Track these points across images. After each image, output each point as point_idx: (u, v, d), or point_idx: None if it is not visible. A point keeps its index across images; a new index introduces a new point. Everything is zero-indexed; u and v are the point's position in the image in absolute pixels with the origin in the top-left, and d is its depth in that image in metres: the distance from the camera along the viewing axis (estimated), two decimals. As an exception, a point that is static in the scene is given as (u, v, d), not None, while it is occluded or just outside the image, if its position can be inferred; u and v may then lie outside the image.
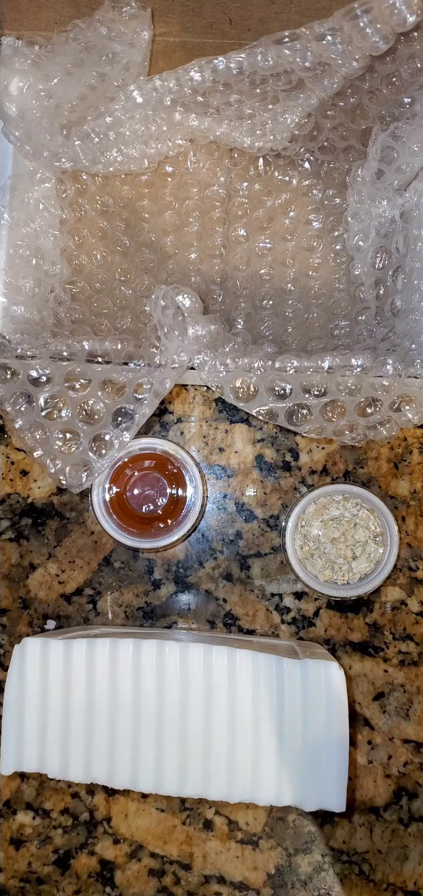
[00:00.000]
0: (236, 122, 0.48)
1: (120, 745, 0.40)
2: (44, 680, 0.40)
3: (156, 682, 0.40)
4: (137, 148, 0.48)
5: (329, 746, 0.39)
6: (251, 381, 0.42)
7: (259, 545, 0.49)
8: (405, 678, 0.48)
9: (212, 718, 0.40)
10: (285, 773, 0.40)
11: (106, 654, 0.40)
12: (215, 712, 0.40)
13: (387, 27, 0.39)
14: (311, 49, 0.41)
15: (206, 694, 0.40)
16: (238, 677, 0.40)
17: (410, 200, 0.46)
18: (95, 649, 0.40)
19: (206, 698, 0.40)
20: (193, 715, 0.40)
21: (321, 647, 0.46)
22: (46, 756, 0.40)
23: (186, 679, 0.40)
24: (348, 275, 0.52)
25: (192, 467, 0.46)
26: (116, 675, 0.40)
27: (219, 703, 0.40)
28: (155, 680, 0.40)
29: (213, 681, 0.40)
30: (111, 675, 0.40)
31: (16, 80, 0.46)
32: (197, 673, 0.40)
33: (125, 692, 0.40)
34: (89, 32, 0.45)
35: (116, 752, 0.40)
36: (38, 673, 0.41)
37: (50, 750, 0.40)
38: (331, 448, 0.49)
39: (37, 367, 0.43)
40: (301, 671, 0.40)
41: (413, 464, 0.49)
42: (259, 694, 0.40)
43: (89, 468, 0.44)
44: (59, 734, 0.40)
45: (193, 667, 0.40)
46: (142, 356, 0.44)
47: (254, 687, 0.40)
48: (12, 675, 0.41)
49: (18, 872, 0.48)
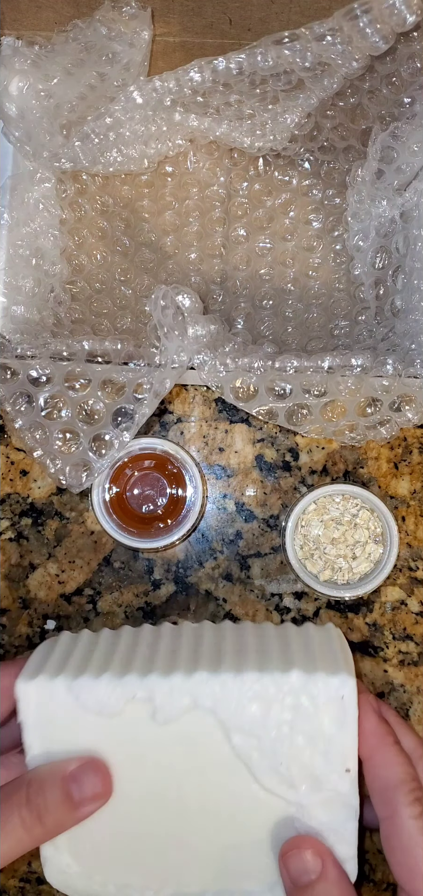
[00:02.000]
0: (236, 122, 0.48)
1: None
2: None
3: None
4: (137, 148, 0.48)
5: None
6: (251, 381, 0.42)
7: (259, 545, 0.49)
8: (405, 678, 0.48)
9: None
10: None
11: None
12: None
13: (387, 27, 0.39)
14: (311, 49, 0.41)
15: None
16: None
17: (410, 200, 0.46)
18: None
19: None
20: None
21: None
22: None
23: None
24: (348, 275, 0.52)
25: (192, 467, 0.46)
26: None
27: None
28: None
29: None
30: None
31: (16, 80, 0.46)
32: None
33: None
34: (89, 32, 0.45)
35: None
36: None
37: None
38: (331, 448, 0.49)
39: (37, 367, 0.43)
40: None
41: (413, 464, 0.49)
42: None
43: (89, 468, 0.44)
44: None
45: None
46: (142, 356, 0.44)
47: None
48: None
49: (18, 872, 0.48)
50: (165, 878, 0.39)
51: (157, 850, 0.39)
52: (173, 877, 0.39)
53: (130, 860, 0.39)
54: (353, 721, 0.37)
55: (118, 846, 0.39)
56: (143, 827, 0.39)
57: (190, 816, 0.39)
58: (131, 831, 0.39)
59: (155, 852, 0.39)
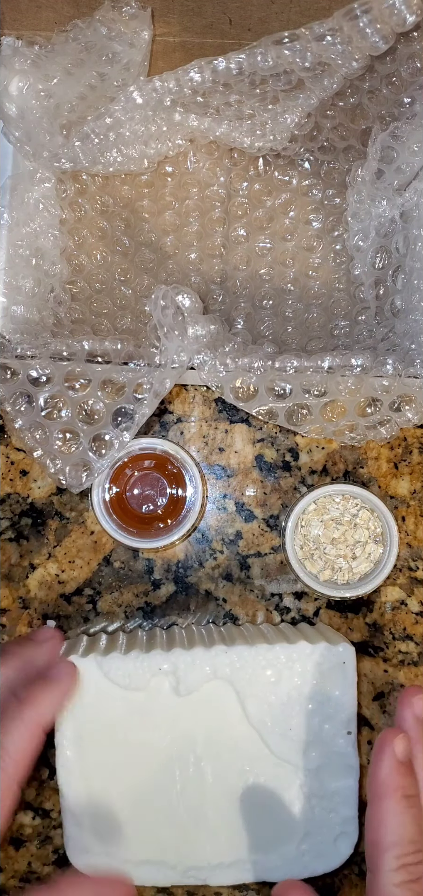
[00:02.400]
0: (236, 122, 0.48)
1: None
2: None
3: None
4: (137, 148, 0.48)
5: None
6: (251, 381, 0.42)
7: (259, 545, 0.49)
8: (405, 678, 0.48)
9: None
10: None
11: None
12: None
13: (387, 27, 0.39)
14: (311, 49, 0.41)
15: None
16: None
17: (410, 200, 0.46)
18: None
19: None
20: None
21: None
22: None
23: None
24: (348, 275, 0.52)
25: (192, 467, 0.46)
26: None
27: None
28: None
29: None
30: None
31: (16, 80, 0.45)
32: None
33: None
34: (89, 32, 0.45)
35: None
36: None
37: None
38: (331, 448, 0.49)
39: (37, 367, 0.43)
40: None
41: (413, 464, 0.49)
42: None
43: (89, 468, 0.44)
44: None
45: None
46: (142, 356, 0.44)
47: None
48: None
49: (18, 872, 0.48)
50: (180, 853, 0.42)
51: (173, 824, 0.42)
52: (189, 851, 0.42)
53: (148, 836, 0.42)
54: (353, 685, 0.42)
55: (137, 823, 0.42)
56: (161, 801, 0.42)
57: (206, 789, 0.42)
58: (150, 807, 0.42)
59: (172, 827, 0.42)
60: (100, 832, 0.42)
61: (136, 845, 0.42)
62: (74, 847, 0.42)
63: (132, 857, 0.42)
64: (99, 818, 0.41)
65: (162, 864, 0.42)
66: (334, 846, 0.42)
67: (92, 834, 0.41)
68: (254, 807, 0.42)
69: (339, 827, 0.42)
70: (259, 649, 0.42)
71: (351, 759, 0.42)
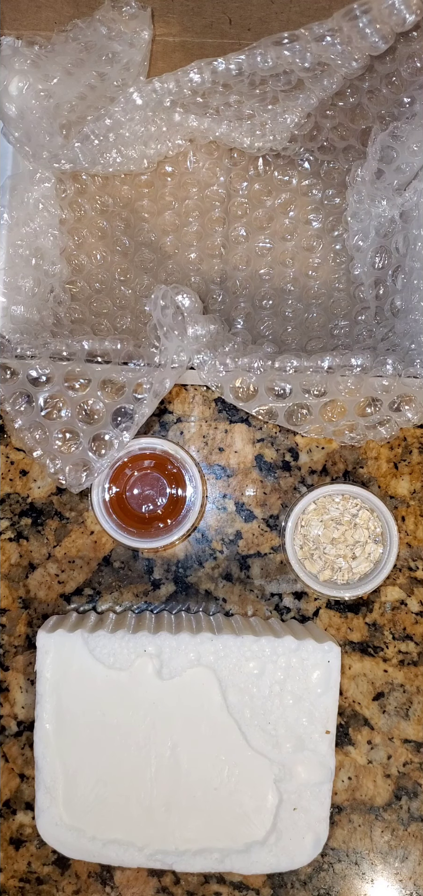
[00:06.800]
0: (236, 123, 0.48)
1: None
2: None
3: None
4: (137, 149, 0.48)
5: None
6: (251, 380, 0.42)
7: (259, 545, 0.49)
8: (405, 678, 0.48)
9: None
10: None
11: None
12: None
13: (386, 27, 0.39)
14: (310, 49, 0.41)
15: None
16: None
17: (410, 200, 0.46)
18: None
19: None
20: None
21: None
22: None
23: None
24: (348, 275, 0.52)
25: (191, 467, 0.46)
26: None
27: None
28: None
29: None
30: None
31: (16, 80, 0.45)
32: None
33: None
34: (89, 32, 0.45)
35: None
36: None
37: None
38: (331, 448, 0.49)
39: (36, 367, 0.43)
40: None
41: (413, 464, 0.49)
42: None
43: (89, 468, 0.44)
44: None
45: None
46: (142, 356, 0.44)
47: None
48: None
49: (18, 872, 0.48)
50: (149, 836, 0.42)
51: (145, 807, 0.42)
52: (158, 835, 0.42)
53: (118, 816, 0.42)
54: (335, 685, 0.42)
55: (109, 803, 0.42)
56: (134, 783, 0.42)
57: (180, 775, 0.42)
58: (123, 788, 0.42)
59: (143, 809, 0.42)
60: (71, 807, 0.42)
61: (106, 824, 0.42)
62: (44, 820, 0.42)
63: (101, 835, 0.42)
64: (71, 794, 0.42)
65: (130, 845, 0.42)
66: (303, 844, 0.43)
67: (64, 808, 0.42)
68: (226, 797, 0.42)
69: (309, 825, 0.42)
70: (245, 640, 0.42)
71: (327, 759, 0.43)
